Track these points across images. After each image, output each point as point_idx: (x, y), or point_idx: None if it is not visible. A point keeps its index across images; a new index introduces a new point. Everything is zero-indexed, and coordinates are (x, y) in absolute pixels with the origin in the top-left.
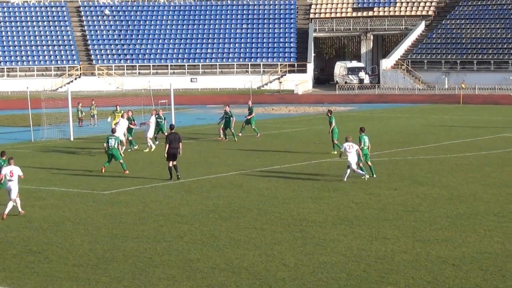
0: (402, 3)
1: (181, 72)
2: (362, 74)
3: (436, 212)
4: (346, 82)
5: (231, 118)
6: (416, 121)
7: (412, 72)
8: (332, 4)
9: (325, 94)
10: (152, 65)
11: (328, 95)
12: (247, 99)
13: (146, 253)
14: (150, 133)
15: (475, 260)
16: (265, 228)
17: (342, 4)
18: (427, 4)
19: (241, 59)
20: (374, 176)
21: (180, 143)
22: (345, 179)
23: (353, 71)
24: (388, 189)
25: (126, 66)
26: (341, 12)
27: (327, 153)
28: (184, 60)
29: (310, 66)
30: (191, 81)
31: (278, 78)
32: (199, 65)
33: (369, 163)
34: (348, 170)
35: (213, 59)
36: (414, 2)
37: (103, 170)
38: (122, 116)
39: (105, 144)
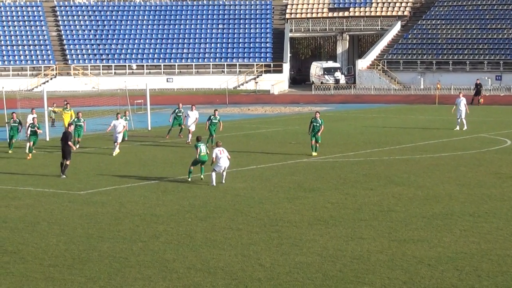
0: (378, 3)
1: (157, 72)
2: (338, 74)
3: (412, 212)
4: (322, 82)
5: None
6: (391, 122)
7: (388, 72)
8: (308, 4)
9: (301, 94)
10: (128, 65)
11: (304, 95)
12: (223, 99)
13: (122, 253)
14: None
15: (450, 260)
16: (241, 228)
17: (318, 4)
18: (403, 4)
19: (217, 59)
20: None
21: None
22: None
23: (329, 71)
24: (364, 189)
25: (102, 66)
26: (317, 13)
27: (303, 154)
28: (160, 60)
29: (286, 66)
30: (167, 81)
31: (254, 78)
32: (175, 65)
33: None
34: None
35: (189, 59)
36: (390, 3)
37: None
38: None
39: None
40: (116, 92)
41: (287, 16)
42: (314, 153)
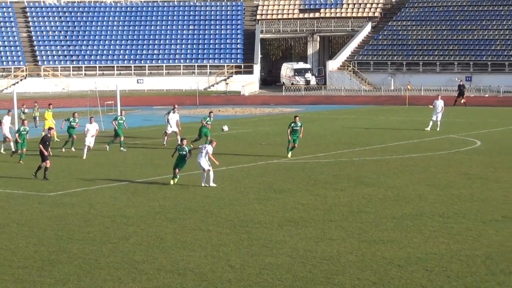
0: (348, 4)
1: (128, 73)
2: (308, 76)
3: (382, 213)
4: (292, 84)
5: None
6: (362, 122)
7: (358, 73)
8: (279, 5)
9: (272, 96)
10: (98, 66)
11: (275, 96)
12: (194, 100)
13: (91, 255)
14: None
15: (420, 260)
16: (211, 230)
17: (289, 5)
18: (374, 5)
19: (187, 60)
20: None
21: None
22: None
23: (299, 72)
24: (334, 190)
25: (72, 67)
26: (288, 14)
27: (274, 155)
28: (131, 61)
29: (257, 68)
30: (138, 82)
31: (225, 80)
32: (145, 66)
33: None
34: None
35: (159, 60)
36: (360, 4)
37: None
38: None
39: (16, 134)
40: (86, 93)
41: (258, 17)
42: (289, 155)
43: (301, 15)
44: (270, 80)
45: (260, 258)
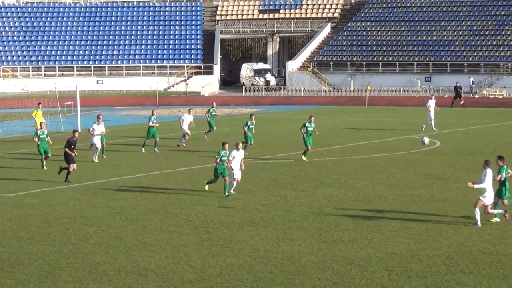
0: (308, 5)
1: (87, 73)
2: (268, 76)
3: (342, 214)
4: (252, 84)
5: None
6: (322, 123)
7: (318, 74)
8: (239, 6)
9: (232, 96)
10: (58, 67)
11: (235, 96)
12: (154, 101)
13: (52, 256)
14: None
15: (380, 260)
16: (172, 230)
17: (249, 6)
18: (333, 6)
19: (147, 61)
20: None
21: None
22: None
23: (259, 73)
24: (294, 191)
25: (32, 67)
26: (248, 14)
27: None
28: (90, 62)
29: (217, 68)
30: (97, 82)
31: (185, 80)
32: (105, 66)
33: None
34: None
35: (119, 61)
36: (320, 5)
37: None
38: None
39: (35, 139)
40: (46, 94)
41: (218, 17)
42: (305, 158)
43: (260, 16)
44: (230, 80)
45: (221, 259)
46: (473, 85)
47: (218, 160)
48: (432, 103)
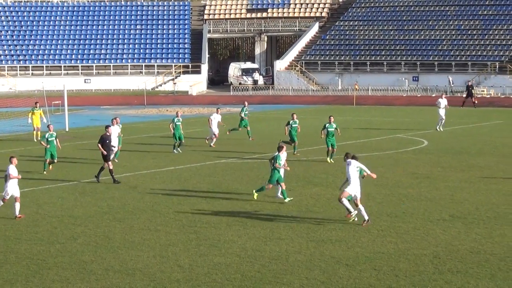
0: (296, 4)
1: (75, 73)
2: (256, 75)
3: (330, 213)
4: (240, 83)
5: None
6: (310, 122)
7: (306, 73)
8: (226, 5)
9: (220, 95)
10: (46, 66)
11: (223, 96)
12: (141, 100)
13: (39, 255)
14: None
15: (368, 260)
16: (160, 230)
17: (236, 5)
18: (321, 5)
19: (135, 60)
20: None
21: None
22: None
23: (247, 72)
24: None
25: (19, 67)
26: (235, 13)
27: (222, 156)
28: (78, 61)
29: (204, 67)
30: (85, 82)
31: (172, 79)
32: (93, 66)
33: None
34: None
35: (107, 60)
36: (308, 4)
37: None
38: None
39: (43, 142)
40: (34, 93)
41: (205, 17)
42: (330, 160)
43: (248, 15)
44: (217, 80)
45: (209, 258)
46: (452, 85)
47: (277, 164)
48: (442, 102)
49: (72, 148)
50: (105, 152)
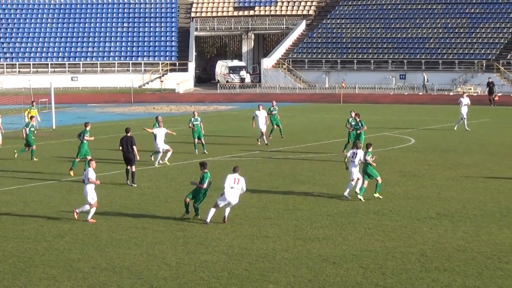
0: (283, 2)
1: (62, 70)
2: (243, 73)
3: (317, 211)
4: (227, 81)
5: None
6: (297, 120)
7: (293, 71)
8: (213, 3)
9: (207, 93)
10: (32, 64)
11: (210, 94)
12: (128, 98)
13: (26, 253)
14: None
15: (355, 258)
16: (147, 227)
17: (223, 3)
18: (308, 3)
19: (122, 58)
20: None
21: (134, 147)
22: None
23: (234, 70)
24: (269, 188)
25: (6, 64)
26: (222, 11)
27: (208, 154)
28: (65, 59)
29: (192, 65)
30: (72, 79)
31: (159, 77)
32: (79, 63)
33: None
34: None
35: (93, 58)
36: (295, 2)
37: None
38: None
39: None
40: (20, 91)
41: (193, 14)
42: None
43: (235, 13)
44: (205, 77)
45: (196, 256)
46: (427, 82)
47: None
48: (464, 101)
49: (59, 145)
50: (135, 156)
